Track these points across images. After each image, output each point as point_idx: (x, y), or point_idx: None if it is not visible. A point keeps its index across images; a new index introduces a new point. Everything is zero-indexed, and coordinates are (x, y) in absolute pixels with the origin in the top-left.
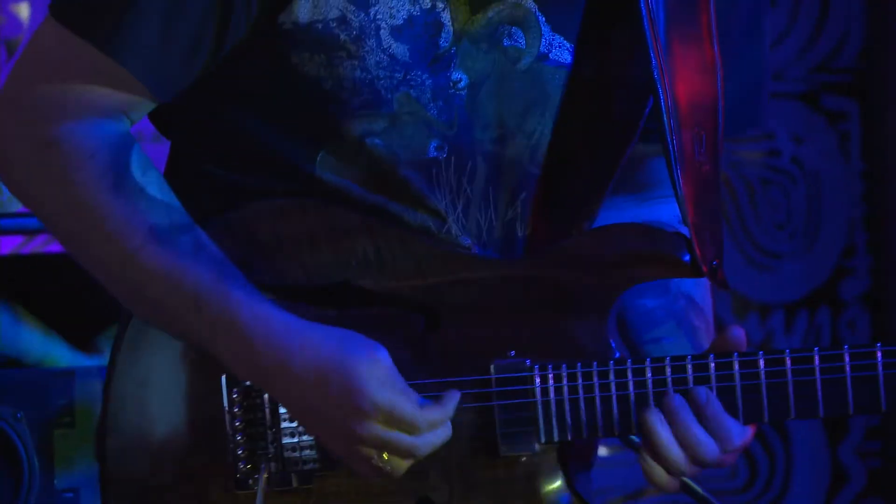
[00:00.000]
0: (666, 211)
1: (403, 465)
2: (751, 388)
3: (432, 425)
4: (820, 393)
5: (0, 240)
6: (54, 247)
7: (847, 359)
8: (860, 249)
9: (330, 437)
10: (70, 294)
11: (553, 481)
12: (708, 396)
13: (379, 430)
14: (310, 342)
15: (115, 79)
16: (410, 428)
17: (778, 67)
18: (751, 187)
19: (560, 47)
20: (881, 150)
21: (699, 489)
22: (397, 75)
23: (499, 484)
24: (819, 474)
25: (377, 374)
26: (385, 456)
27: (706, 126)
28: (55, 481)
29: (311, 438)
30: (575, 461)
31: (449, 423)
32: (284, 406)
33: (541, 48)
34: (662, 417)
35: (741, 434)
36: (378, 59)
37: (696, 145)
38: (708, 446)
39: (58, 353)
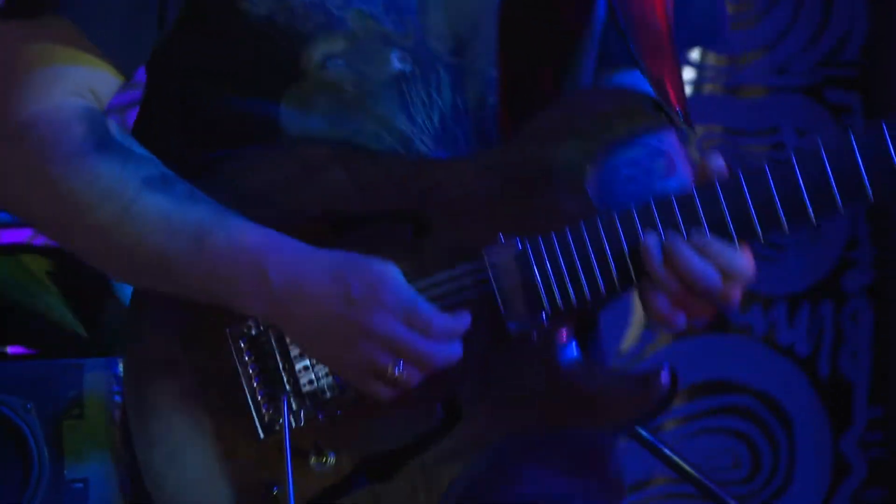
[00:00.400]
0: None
1: (415, 375)
2: (738, 204)
3: (447, 331)
4: (804, 189)
5: (9, 232)
6: None
7: (824, 155)
8: (863, 242)
9: (345, 351)
10: (79, 288)
11: (566, 352)
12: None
13: (398, 326)
14: (322, 257)
15: (74, 54)
16: (427, 328)
17: (782, 61)
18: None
19: None
20: None
21: (704, 479)
22: None
23: (517, 366)
24: (821, 465)
25: (395, 274)
26: (399, 365)
27: None
28: (64, 472)
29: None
30: (583, 332)
31: (459, 342)
32: (296, 333)
33: None
34: (658, 245)
35: (738, 257)
36: None
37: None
38: (706, 271)
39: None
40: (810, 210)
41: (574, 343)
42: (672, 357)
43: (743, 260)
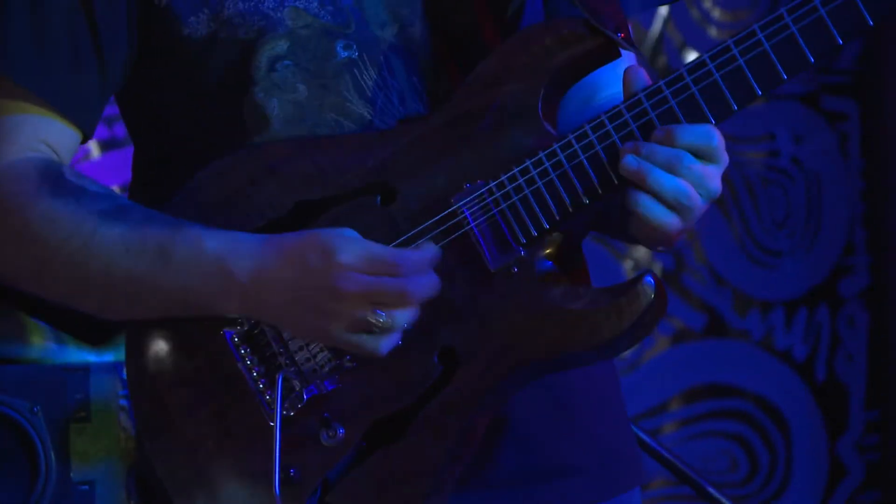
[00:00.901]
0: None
1: (400, 315)
2: (708, 86)
3: (416, 264)
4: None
5: None
6: None
7: (788, 17)
8: (859, 248)
9: (324, 321)
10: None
11: (548, 277)
12: (663, 130)
13: (364, 277)
14: (276, 241)
15: (23, 108)
16: (393, 268)
17: None
18: (752, 186)
19: None
20: (880, 150)
21: (702, 482)
22: None
23: (504, 301)
24: (818, 468)
25: (347, 234)
26: (380, 313)
27: None
28: (71, 474)
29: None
30: (567, 263)
31: (433, 273)
32: (273, 319)
33: None
34: (637, 152)
35: (715, 132)
36: None
37: None
38: (686, 157)
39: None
40: (782, 74)
41: (555, 267)
42: (670, 362)
43: (712, 133)
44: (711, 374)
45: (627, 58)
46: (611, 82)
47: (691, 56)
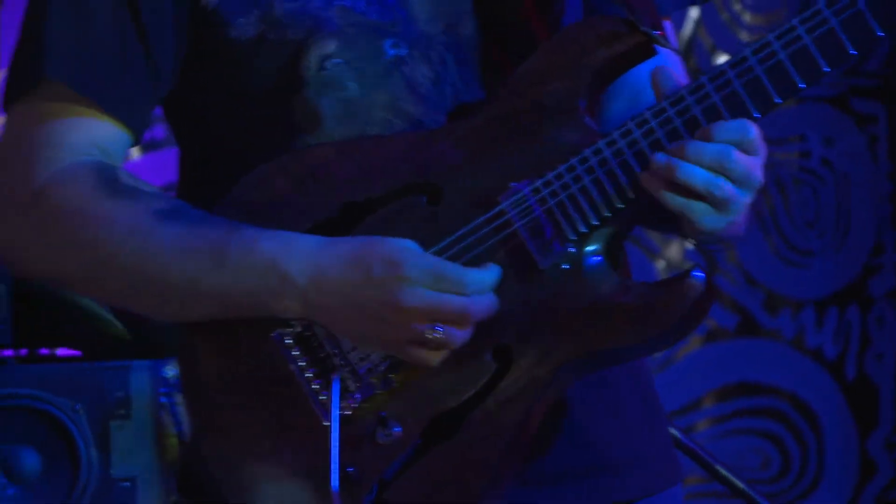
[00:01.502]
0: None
1: (458, 333)
2: (750, 81)
3: (480, 284)
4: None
5: None
6: None
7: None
8: (888, 247)
9: (382, 330)
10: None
11: (598, 272)
12: (702, 130)
13: (428, 293)
14: (337, 245)
15: (74, 112)
16: (459, 286)
17: None
18: (783, 187)
19: None
20: None
21: (735, 479)
22: None
23: (554, 297)
24: (849, 465)
25: (413, 247)
26: (440, 329)
27: None
28: (112, 471)
29: None
30: (613, 257)
31: (493, 294)
32: (329, 323)
33: None
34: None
35: (752, 125)
36: None
37: None
38: (732, 151)
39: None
40: (821, 62)
41: (605, 263)
42: (703, 360)
43: (748, 126)
44: (743, 372)
45: (666, 55)
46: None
47: (722, 59)
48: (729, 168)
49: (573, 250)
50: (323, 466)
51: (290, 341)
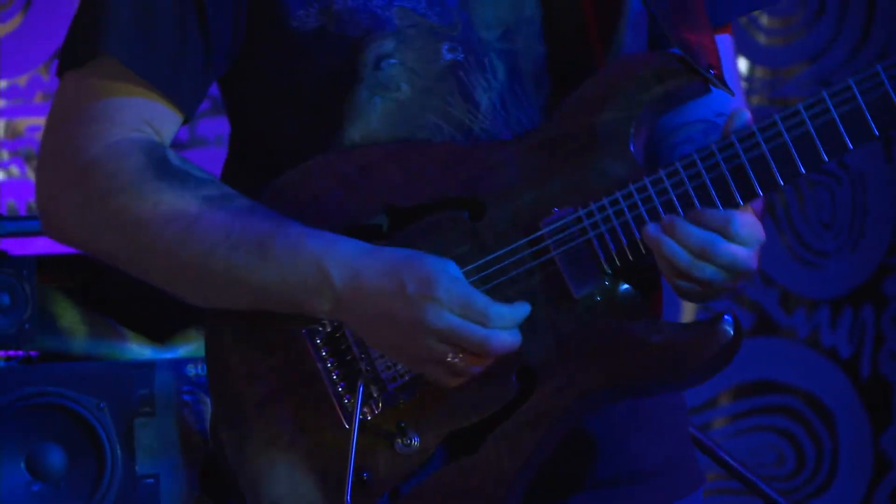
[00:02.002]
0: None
1: (475, 362)
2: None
3: (504, 320)
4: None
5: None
6: None
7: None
8: None
9: (405, 343)
10: (150, 292)
11: (630, 307)
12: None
13: (453, 319)
14: (378, 254)
15: (126, 90)
16: (483, 318)
17: (825, 73)
18: (798, 188)
19: None
20: None
21: (750, 475)
22: None
23: (585, 327)
24: (863, 462)
25: (450, 271)
26: (457, 355)
27: None
28: (136, 468)
29: None
30: (647, 291)
31: (518, 331)
32: (358, 328)
33: None
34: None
35: (739, 214)
36: None
37: None
38: (710, 239)
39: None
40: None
41: (638, 298)
42: None
43: (745, 218)
44: (759, 370)
45: (717, 94)
46: (695, 111)
47: (741, 63)
48: (713, 255)
49: (608, 283)
50: (338, 468)
51: (320, 341)
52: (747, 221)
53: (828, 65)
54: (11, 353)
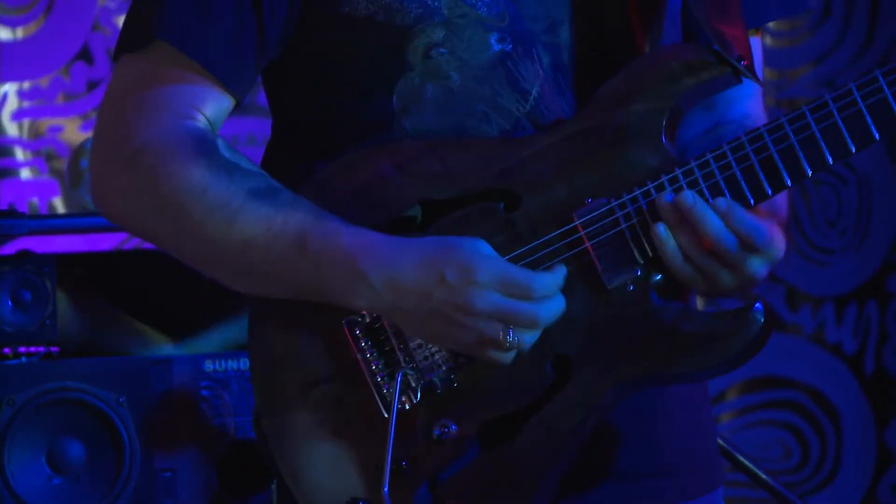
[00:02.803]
0: (732, 110)
1: (528, 337)
2: (829, 126)
3: (547, 289)
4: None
5: (104, 236)
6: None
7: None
8: None
9: (455, 331)
10: (167, 288)
11: (662, 297)
12: (694, 197)
13: (499, 299)
14: (413, 248)
15: (179, 76)
16: (528, 291)
17: (831, 76)
18: (805, 187)
19: None
20: None
21: (757, 469)
22: None
23: (618, 317)
24: (867, 455)
25: (485, 251)
26: (509, 332)
27: None
28: (154, 462)
29: None
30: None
31: (561, 296)
32: (400, 321)
33: None
34: (666, 228)
35: (750, 218)
36: None
37: None
38: (717, 231)
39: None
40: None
41: (670, 288)
42: None
43: (755, 221)
44: (766, 366)
45: (747, 84)
46: (728, 104)
47: None
48: (726, 255)
49: (640, 273)
50: (376, 456)
51: (359, 331)
52: (773, 236)
53: (833, 66)
54: (33, 349)
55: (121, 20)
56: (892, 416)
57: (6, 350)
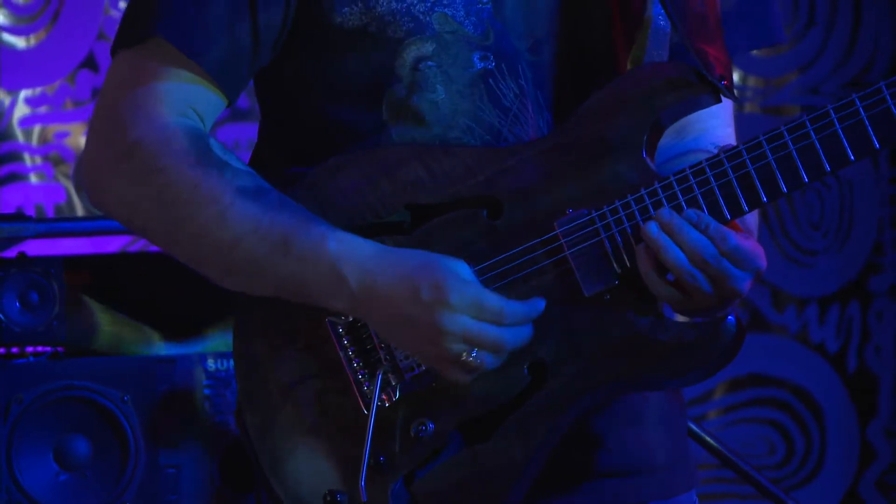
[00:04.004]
0: (703, 139)
1: (491, 360)
2: (805, 147)
3: (517, 317)
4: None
5: (109, 239)
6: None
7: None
8: (888, 247)
9: (422, 345)
10: (172, 289)
11: (639, 307)
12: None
13: (468, 321)
14: (395, 259)
15: (175, 73)
16: (497, 317)
17: (814, 83)
18: None
19: None
20: None
21: (743, 464)
22: None
23: (595, 324)
24: (850, 451)
25: (462, 274)
26: (473, 353)
27: None
28: (159, 458)
29: None
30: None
31: (531, 325)
32: (375, 326)
33: None
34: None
35: (729, 234)
36: None
37: None
38: (700, 242)
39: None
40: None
41: (646, 297)
42: None
43: (737, 239)
44: (752, 365)
45: (726, 103)
46: (701, 118)
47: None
48: (706, 262)
49: (617, 283)
50: (356, 452)
51: (342, 330)
52: (747, 246)
53: (817, 74)
54: (40, 348)
55: None
56: (874, 414)
57: (14, 350)
